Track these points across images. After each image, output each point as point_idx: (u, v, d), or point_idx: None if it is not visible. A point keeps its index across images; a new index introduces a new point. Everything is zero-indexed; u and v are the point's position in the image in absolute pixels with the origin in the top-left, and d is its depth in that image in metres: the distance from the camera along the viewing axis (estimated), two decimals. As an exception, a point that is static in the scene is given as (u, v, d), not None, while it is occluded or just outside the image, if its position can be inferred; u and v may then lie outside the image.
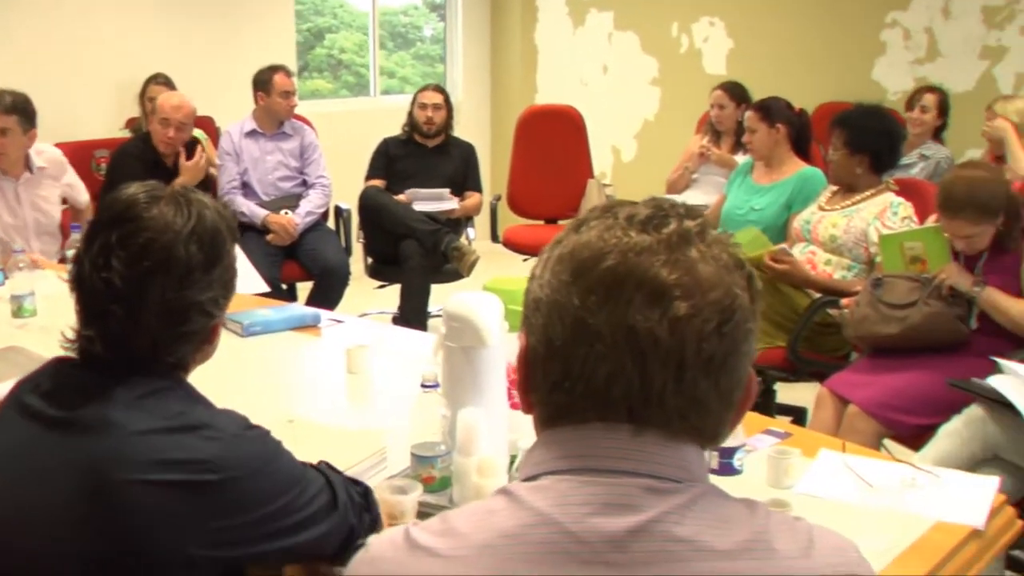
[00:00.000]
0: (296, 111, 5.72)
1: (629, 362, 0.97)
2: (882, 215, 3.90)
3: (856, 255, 3.95)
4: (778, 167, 4.56)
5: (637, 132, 7.90)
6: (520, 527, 0.97)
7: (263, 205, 5.47)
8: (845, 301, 3.64)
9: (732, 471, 2.12)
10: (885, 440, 3.36)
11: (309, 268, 5.45)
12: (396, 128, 5.98)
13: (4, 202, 4.44)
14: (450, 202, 5.71)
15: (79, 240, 1.63)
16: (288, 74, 5.58)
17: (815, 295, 3.94)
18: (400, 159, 5.87)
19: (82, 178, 4.92)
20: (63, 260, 4.19)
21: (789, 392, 4.39)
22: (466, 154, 5.98)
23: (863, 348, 3.63)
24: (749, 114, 4.65)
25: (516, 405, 1.76)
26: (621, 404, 0.99)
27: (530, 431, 1.10)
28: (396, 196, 5.65)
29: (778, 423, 2.55)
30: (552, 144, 6.55)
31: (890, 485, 2.12)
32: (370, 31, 7.96)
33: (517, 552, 0.96)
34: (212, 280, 1.58)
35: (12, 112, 4.33)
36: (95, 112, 6.11)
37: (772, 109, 4.57)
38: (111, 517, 1.44)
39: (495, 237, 6.34)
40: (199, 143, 5.29)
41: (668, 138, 7.08)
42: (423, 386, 1.98)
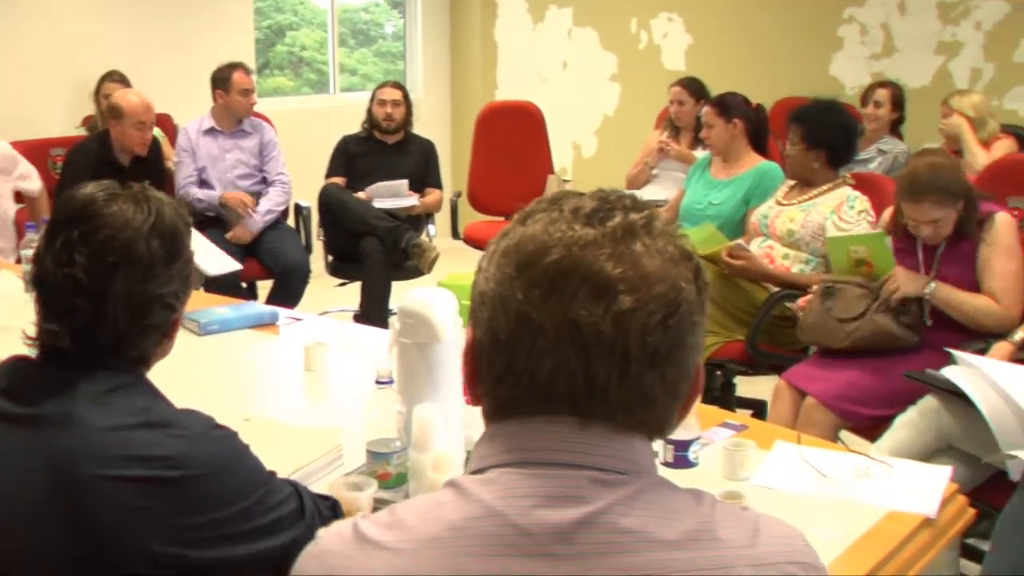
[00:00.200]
0: (256, 108, 5.70)
1: (573, 356, 0.97)
2: (839, 209, 3.92)
3: (813, 249, 3.97)
4: (736, 162, 4.58)
5: (597, 128, 7.92)
6: (466, 520, 0.97)
7: (222, 203, 5.44)
8: (800, 303, 3.64)
9: (687, 464, 2.13)
10: (842, 431, 3.40)
11: (269, 266, 5.43)
12: (356, 125, 5.96)
13: None
14: (410, 199, 5.70)
15: (36, 239, 1.63)
16: (247, 72, 5.55)
17: (773, 289, 3.96)
18: (360, 156, 5.85)
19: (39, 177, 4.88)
20: (19, 260, 4.15)
21: (750, 386, 4.42)
22: (426, 151, 5.96)
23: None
24: (706, 109, 4.67)
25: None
26: (565, 398, 0.99)
27: None
28: (356, 194, 5.64)
29: (736, 416, 2.57)
30: (512, 140, 6.54)
31: (844, 476, 2.14)
32: (329, 28, 7.92)
33: (463, 544, 0.96)
34: (173, 274, 1.59)
35: None
36: (51, 110, 6.03)
37: (729, 104, 4.59)
38: (76, 512, 1.44)
39: (456, 234, 6.34)
40: (157, 141, 5.26)
41: (628, 134, 7.10)
42: (378, 382, 1.98)
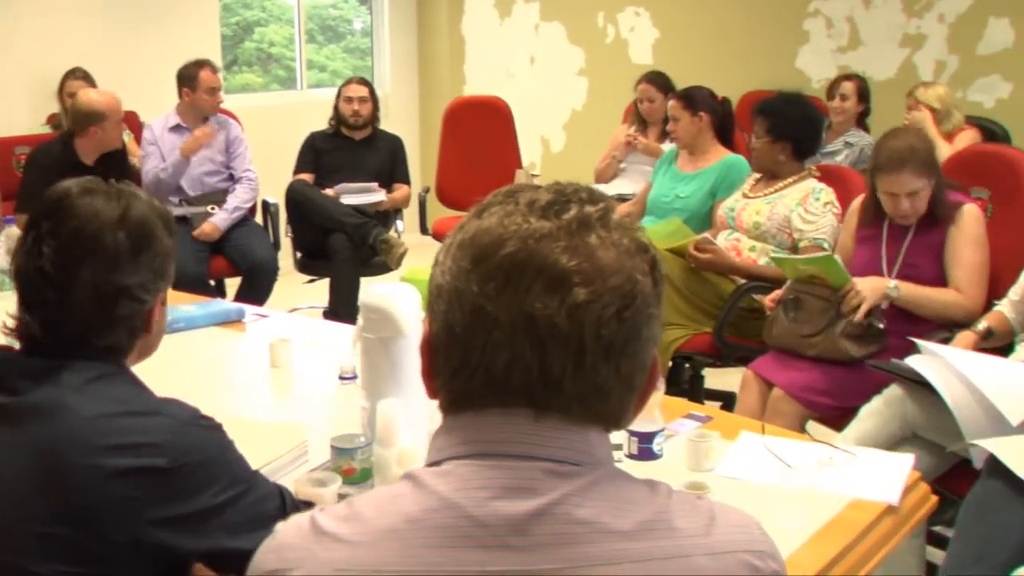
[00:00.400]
0: (223, 105, 5.67)
1: (528, 349, 0.98)
2: (804, 201, 3.94)
3: (780, 241, 3.99)
4: (702, 155, 4.59)
5: (565, 122, 7.93)
6: (423, 511, 0.97)
7: (189, 201, 5.41)
8: (768, 303, 3.66)
9: (652, 456, 2.14)
10: (810, 422, 3.42)
11: (237, 264, 5.40)
12: (324, 122, 5.95)
13: None
14: (378, 195, 5.69)
15: (10, 234, 1.67)
16: (214, 70, 5.51)
17: (740, 281, 3.98)
18: (327, 153, 5.84)
19: (2, 175, 4.84)
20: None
21: (718, 378, 4.44)
22: (394, 146, 5.96)
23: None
24: (672, 103, 4.66)
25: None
26: (520, 390, 0.99)
27: None
28: (324, 190, 5.63)
29: (701, 408, 2.58)
30: (480, 135, 6.54)
31: (808, 465, 2.15)
32: (295, 24, 7.89)
33: (420, 536, 0.96)
34: (140, 266, 1.61)
35: None
36: (14, 108, 5.97)
37: (695, 98, 4.60)
38: (62, 501, 1.45)
39: (424, 229, 6.33)
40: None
41: (596, 128, 7.10)
42: (341, 378, 1.98)
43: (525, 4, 7.95)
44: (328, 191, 5.62)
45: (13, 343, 1.63)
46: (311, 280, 5.90)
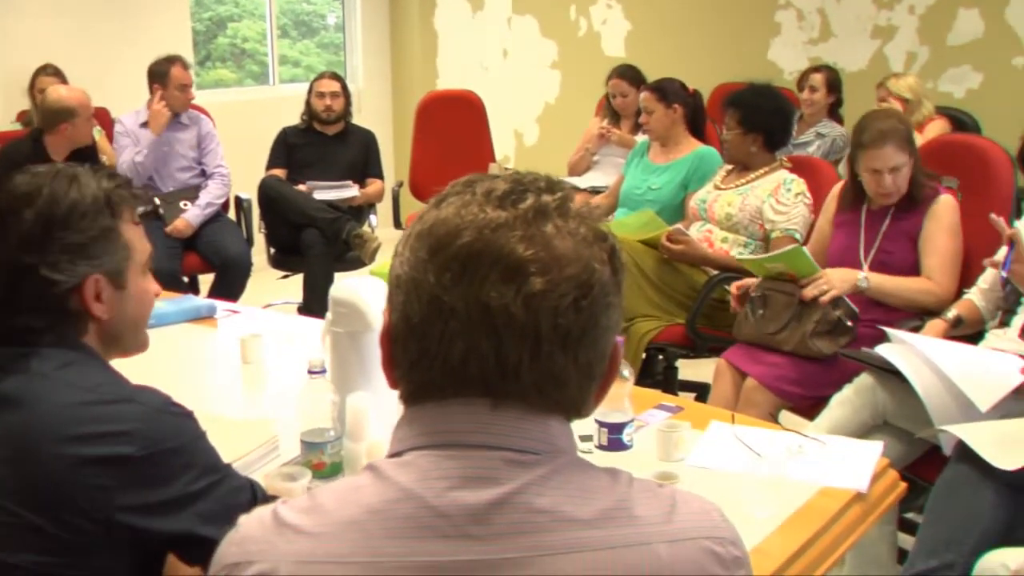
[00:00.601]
0: (196, 101, 5.64)
1: (484, 339, 0.98)
2: (776, 192, 3.96)
3: (752, 232, 4.00)
4: (674, 147, 4.60)
5: (539, 115, 7.93)
6: (384, 502, 0.98)
7: (162, 197, 5.38)
8: (733, 303, 3.68)
9: (622, 446, 2.14)
10: (783, 411, 3.43)
11: (210, 260, 5.38)
12: (297, 117, 5.93)
13: None
14: (351, 190, 5.68)
15: None
16: (185, 66, 5.47)
17: (713, 272, 3.99)
18: (300, 148, 5.83)
19: (-30, 173, 4.80)
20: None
21: (692, 369, 4.45)
22: (366, 141, 5.95)
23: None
24: (646, 95, 4.66)
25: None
26: (477, 380, 1.00)
27: None
28: (297, 186, 5.61)
29: (672, 398, 2.58)
30: (452, 129, 6.53)
31: (777, 454, 2.16)
32: (267, 18, 7.85)
33: (381, 527, 0.96)
34: (50, 245, 1.55)
35: None
36: (-17, 105, 5.95)
37: (668, 90, 4.61)
38: (34, 489, 1.44)
39: (398, 224, 6.31)
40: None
41: (569, 121, 7.11)
42: (310, 372, 1.97)
43: (497, -3, 7.96)
44: (301, 186, 5.60)
45: None
46: (285, 276, 5.89)
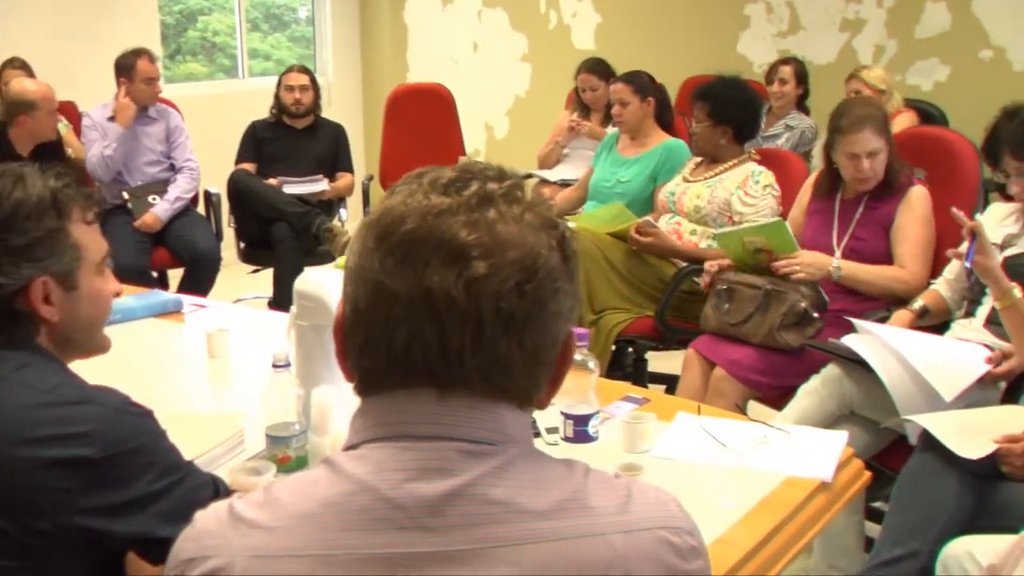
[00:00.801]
0: (165, 95, 5.61)
1: (427, 324, 0.98)
2: (744, 184, 3.97)
3: (720, 224, 4.01)
4: (643, 140, 4.60)
5: (509, 109, 7.93)
6: (339, 495, 0.98)
7: (130, 191, 5.35)
8: (704, 282, 3.69)
9: (588, 438, 2.15)
10: (751, 401, 3.45)
11: (179, 255, 5.35)
12: (267, 110, 5.90)
13: None
14: (320, 183, 5.66)
15: None
16: (152, 59, 5.43)
17: (681, 264, 4.00)
18: (269, 142, 5.80)
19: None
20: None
21: (662, 361, 4.47)
22: (336, 135, 5.93)
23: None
24: (621, 87, 4.63)
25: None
26: (421, 367, 1.00)
27: None
28: (267, 180, 5.59)
29: (639, 390, 2.59)
30: (422, 123, 6.52)
31: (743, 444, 2.17)
32: (236, 11, 7.81)
33: (337, 520, 0.96)
34: None
35: None
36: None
37: (643, 82, 4.62)
38: None
39: (368, 217, 6.29)
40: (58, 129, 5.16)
41: (540, 114, 7.11)
42: (275, 366, 1.96)
43: (468, -10, 7.94)
44: (272, 181, 5.58)
45: None
46: (255, 270, 5.87)
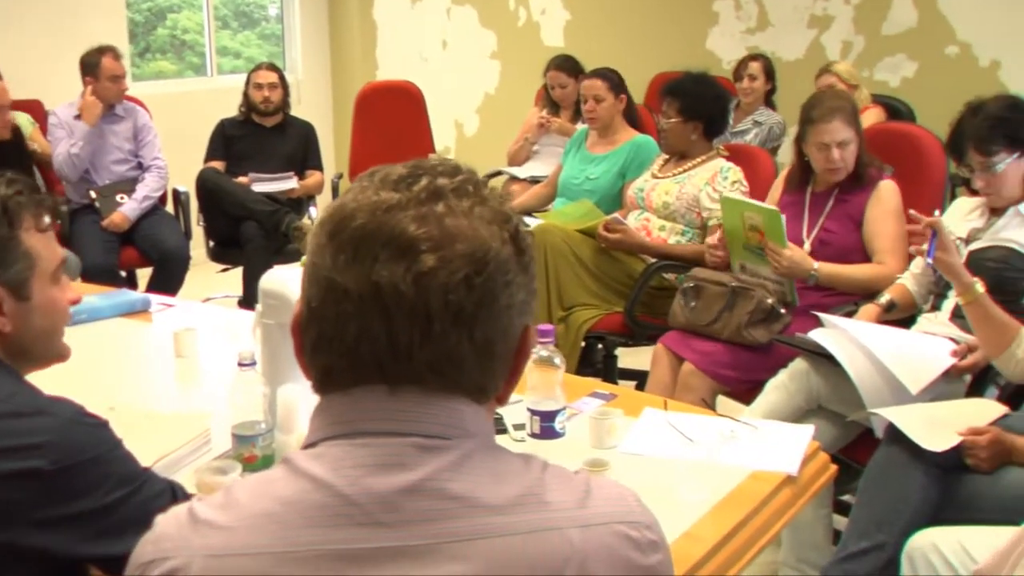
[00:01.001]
0: (133, 93, 5.57)
1: (376, 319, 0.98)
2: (713, 180, 3.98)
3: (689, 220, 4.03)
4: (612, 136, 4.62)
5: (479, 106, 7.93)
6: (298, 493, 0.98)
7: (98, 190, 5.31)
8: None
9: (554, 434, 2.14)
10: (720, 395, 3.47)
11: (148, 254, 5.31)
12: (236, 108, 5.87)
13: None
14: (290, 181, 5.64)
15: None
16: (117, 57, 5.39)
17: (650, 260, 4.01)
18: (238, 140, 5.78)
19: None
20: None
21: (633, 357, 4.47)
22: (305, 133, 5.91)
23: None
24: (597, 83, 4.62)
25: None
26: (371, 363, 1.00)
27: None
28: (238, 178, 5.56)
29: (607, 386, 2.59)
30: (392, 120, 6.51)
31: (710, 439, 2.18)
32: (204, 8, 7.76)
33: (294, 517, 0.97)
34: None
35: None
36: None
37: (616, 79, 4.64)
38: None
39: (338, 216, 6.27)
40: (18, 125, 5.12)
41: (510, 111, 7.10)
42: (240, 365, 1.95)
43: (437, -12, 7.93)
44: (242, 179, 5.56)
45: None
46: (225, 269, 5.84)
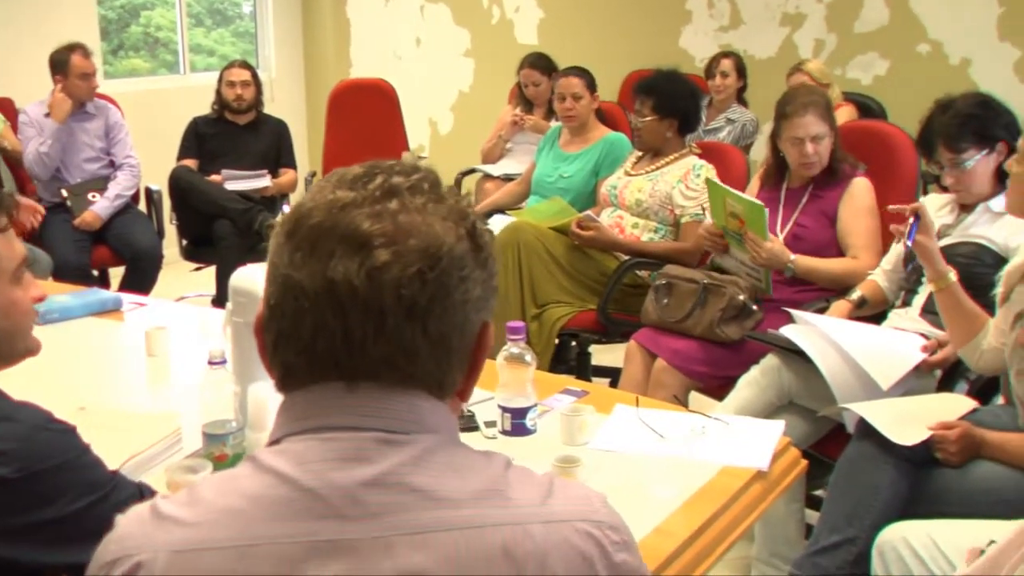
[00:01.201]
0: (105, 91, 5.54)
1: (330, 315, 1.00)
2: (685, 178, 3.99)
3: (662, 218, 4.04)
4: (586, 134, 4.63)
5: (453, 104, 7.92)
6: (262, 488, 0.99)
7: (70, 188, 5.28)
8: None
9: (526, 431, 2.15)
10: (693, 392, 3.48)
11: (120, 253, 5.29)
12: (209, 106, 5.85)
13: None
14: (263, 180, 5.62)
15: None
16: (86, 54, 5.35)
17: (623, 258, 4.02)
18: (211, 138, 5.76)
19: None
20: None
21: (606, 354, 4.49)
22: (279, 131, 5.90)
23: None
24: (576, 81, 4.64)
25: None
26: (328, 359, 1.01)
27: None
28: (211, 176, 5.54)
29: (578, 383, 2.60)
30: (365, 118, 6.50)
31: (681, 435, 2.19)
32: (177, 6, 7.72)
33: (259, 512, 0.97)
34: None
35: None
36: None
37: (592, 78, 4.67)
38: None
39: (312, 214, 6.25)
40: None
41: (483, 109, 7.10)
42: (210, 363, 1.95)
43: (410, -15, 7.91)
44: (216, 176, 5.54)
45: None
46: (198, 268, 5.82)
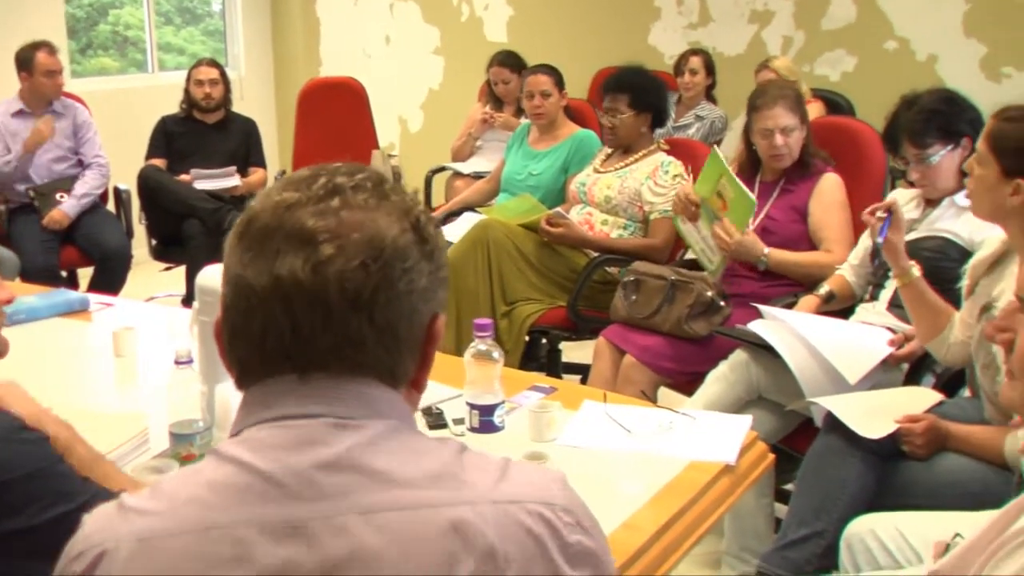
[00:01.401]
0: (74, 89, 5.49)
1: (279, 309, 1.03)
2: (654, 174, 4.01)
3: (631, 214, 4.05)
4: (555, 132, 4.65)
5: (423, 102, 7.91)
6: (224, 477, 1.02)
7: (37, 188, 5.24)
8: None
9: (494, 428, 2.16)
10: (662, 387, 3.49)
11: (89, 253, 5.26)
12: (177, 105, 5.82)
13: None
14: (232, 179, 5.60)
15: None
16: (52, 52, 5.30)
17: (593, 255, 4.03)
18: (180, 137, 5.73)
19: None
20: None
21: (577, 351, 4.50)
22: (248, 129, 5.88)
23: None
24: (544, 79, 4.66)
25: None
26: (279, 353, 1.05)
27: None
28: (180, 176, 5.51)
29: (546, 379, 2.60)
30: (335, 117, 6.48)
31: (648, 430, 2.20)
32: (144, 4, 7.66)
33: (220, 499, 1.00)
34: None
35: None
36: None
37: (560, 75, 4.68)
38: None
39: (281, 212, 6.23)
40: None
41: (453, 106, 7.10)
42: (177, 363, 1.94)
43: (380, -17, 7.89)
44: (184, 176, 5.51)
45: None
46: (167, 268, 5.79)
